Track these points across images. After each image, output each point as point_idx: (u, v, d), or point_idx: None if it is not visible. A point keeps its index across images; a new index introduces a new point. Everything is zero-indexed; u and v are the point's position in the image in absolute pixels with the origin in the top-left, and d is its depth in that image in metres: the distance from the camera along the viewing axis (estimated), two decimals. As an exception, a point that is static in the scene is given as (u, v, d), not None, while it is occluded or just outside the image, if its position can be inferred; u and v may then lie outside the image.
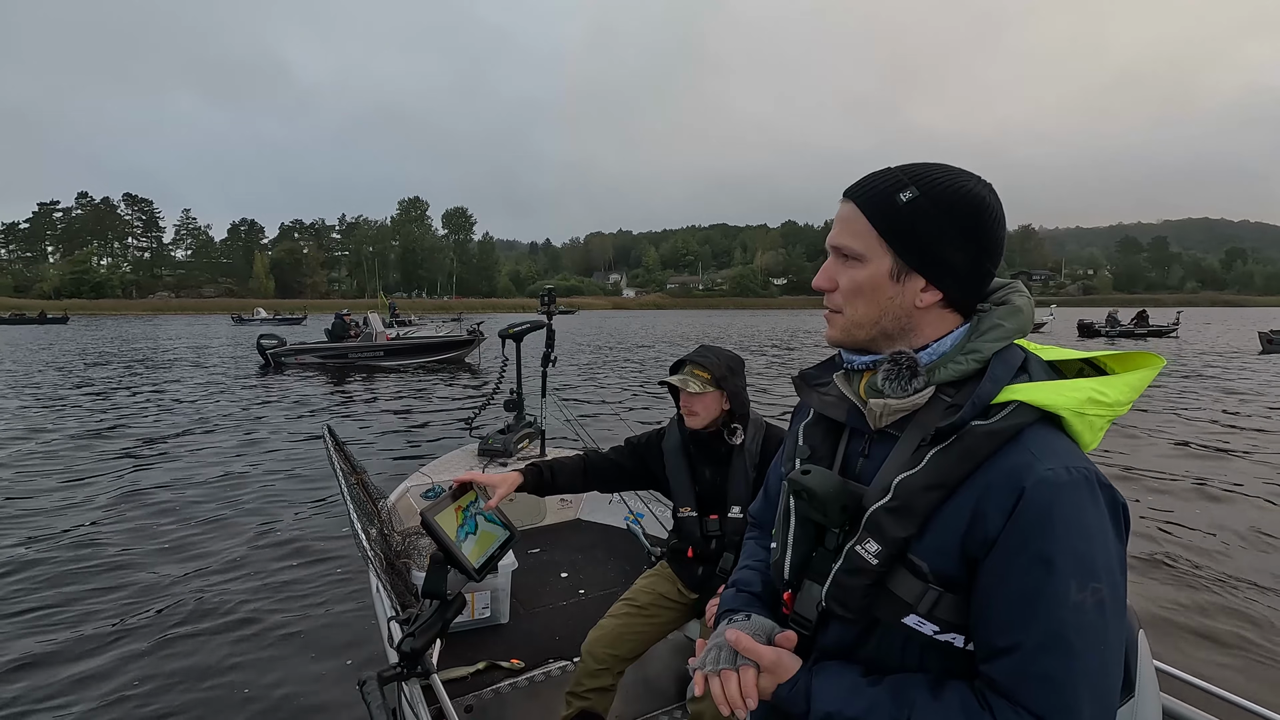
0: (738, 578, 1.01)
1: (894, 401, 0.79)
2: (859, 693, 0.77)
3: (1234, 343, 25.62)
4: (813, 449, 0.89)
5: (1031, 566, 0.69)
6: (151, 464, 6.85)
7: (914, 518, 0.74)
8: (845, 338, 0.84)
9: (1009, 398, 0.73)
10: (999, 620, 0.71)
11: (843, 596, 0.79)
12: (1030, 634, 0.69)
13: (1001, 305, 0.82)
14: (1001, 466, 0.72)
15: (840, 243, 0.81)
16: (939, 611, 0.74)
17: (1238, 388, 12.58)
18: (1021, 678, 0.69)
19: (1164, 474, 6.41)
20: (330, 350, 17.03)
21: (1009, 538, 0.70)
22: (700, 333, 35.33)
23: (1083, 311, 45.07)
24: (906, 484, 0.75)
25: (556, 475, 1.89)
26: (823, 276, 0.83)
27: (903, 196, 0.77)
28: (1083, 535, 0.69)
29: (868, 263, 0.79)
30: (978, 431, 0.73)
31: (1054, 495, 0.69)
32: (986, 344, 0.78)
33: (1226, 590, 3.89)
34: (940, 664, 0.77)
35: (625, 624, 1.94)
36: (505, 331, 3.95)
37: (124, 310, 74.30)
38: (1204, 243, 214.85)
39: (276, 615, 3.55)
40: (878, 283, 0.79)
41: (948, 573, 0.74)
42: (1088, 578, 0.68)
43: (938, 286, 0.79)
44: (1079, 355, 0.85)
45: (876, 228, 0.78)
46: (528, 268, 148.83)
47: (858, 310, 0.81)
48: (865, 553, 0.76)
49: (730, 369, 1.88)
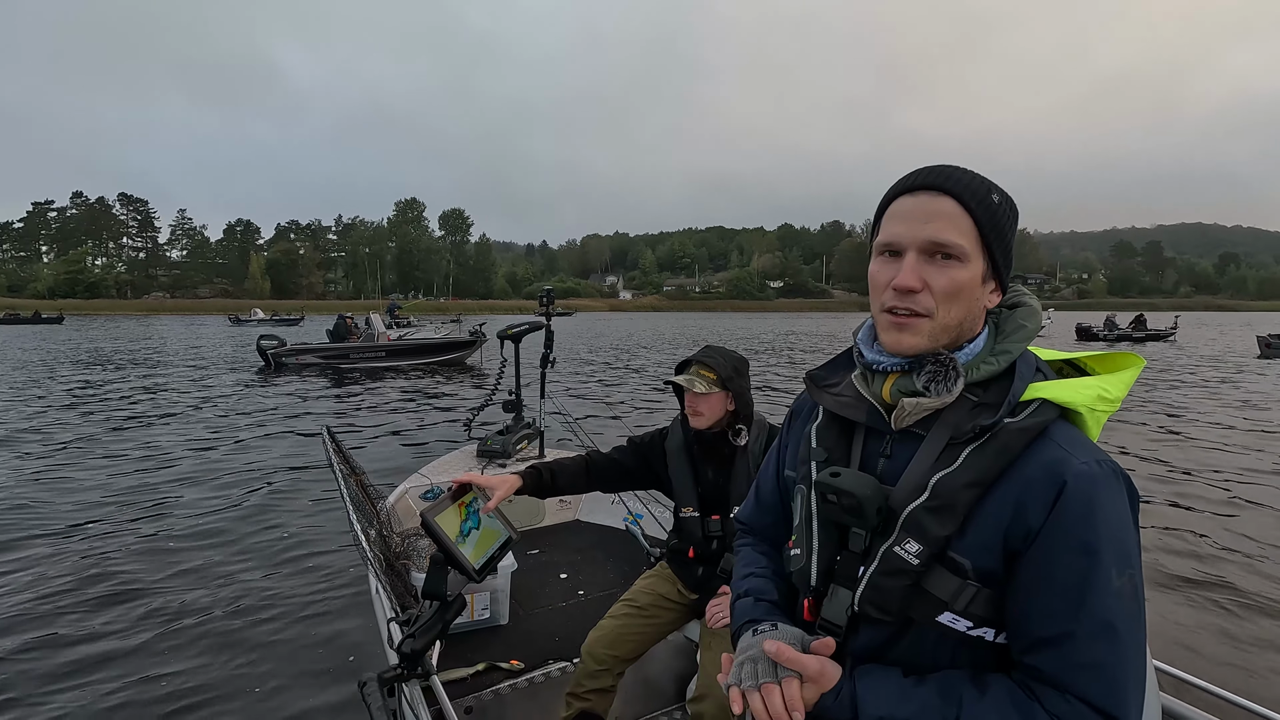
0: (750, 586, 0.98)
1: (927, 400, 0.79)
2: (906, 695, 0.76)
3: (1232, 347, 25.68)
4: (829, 451, 0.87)
5: (1077, 557, 0.71)
6: (152, 464, 6.81)
7: (955, 515, 0.75)
8: (929, 343, 0.78)
9: (1033, 395, 0.76)
10: (1044, 610, 0.72)
11: (879, 599, 0.78)
12: (1080, 622, 0.70)
13: (1017, 307, 0.84)
14: (1038, 461, 0.74)
15: (948, 239, 0.75)
16: (974, 607, 0.75)
17: (1244, 395, 12.36)
18: (1071, 666, 0.70)
19: (1184, 478, 6.38)
20: (331, 351, 16.94)
21: (1053, 529, 0.72)
22: (698, 334, 35.37)
23: (1078, 315, 45.27)
24: (946, 482, 0.75)
25: (556, 477, 1.90)
26: (913, 276, 0.76)
27: (995, 198, 0.78)
28: (1117, 524, 0.72)
29: (969, 262, 0.76)
30: (1011, 429, 0.75)
31: (1093, 487, 0.71)
32: (1014, 344, 0.80)
33: (1230, 594, 3.91)
34: (970, 659, 0.78)
35: (625, 625, 1.94)
36: (504, 333, 3.94)
37: (119, 310, 73.90)
38: (1198, 247, 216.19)
39: (276, 616, 3.53)
40: (975, 284, 0.78)
41: (988, 568, 0.75)
42: (1124, 565, 0.71)
43: (1003, 290, 0.83)
44: (1061, 356, 0.88)
45: (979, 227, 0.77)
46: (524, 269, 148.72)
47: (951, 313, 0.77)
48: (905, 553, 0.76)
49: (736, 370, 1.89)
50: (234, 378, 14.58)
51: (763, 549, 1.04)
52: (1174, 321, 31.93)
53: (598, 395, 12.37)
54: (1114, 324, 30.10)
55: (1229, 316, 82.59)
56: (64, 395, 11.82)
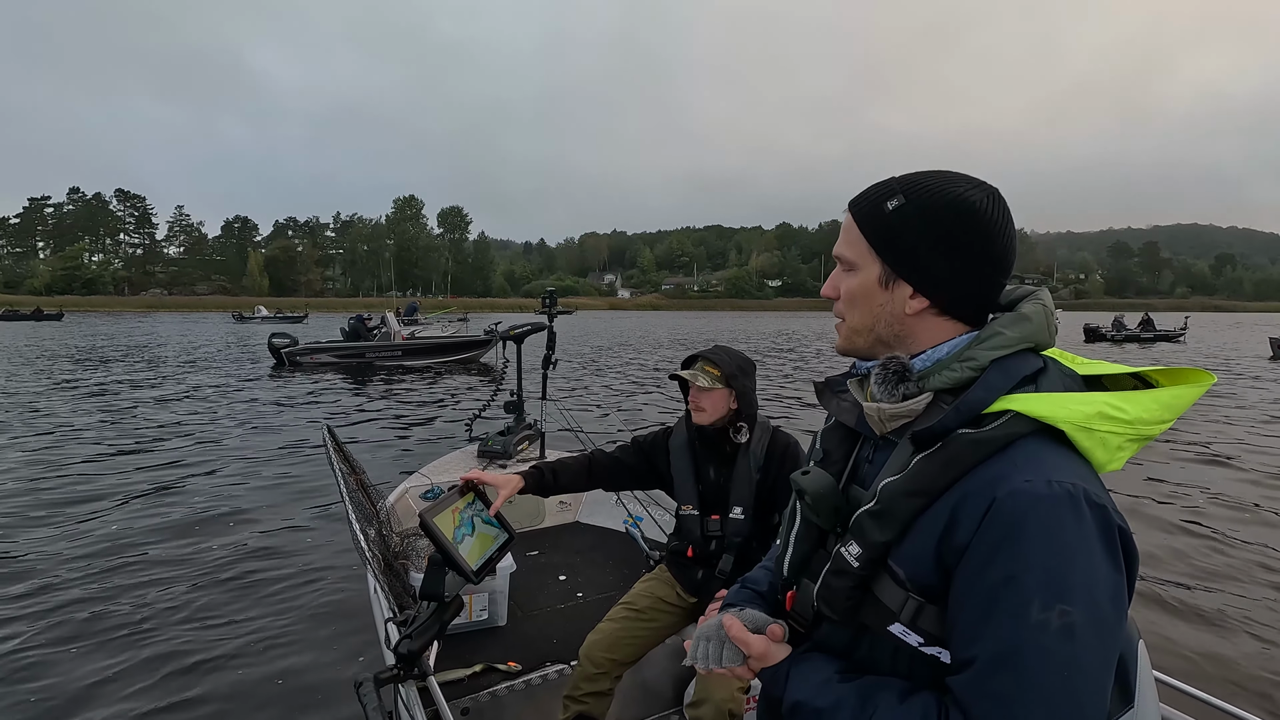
0: (749, 576, 1.05)
1: (887, 406, 0.79)
2: (829, 687, 0.78)
3: (1242, 348, 25.41)
4: (826, 453, 0.90)
5: (994, 579, 0.67)
6: (155, 463, 6.80)
7: (894, 523, 0.73)
8: (848, 345, 0.87)
9: (1004, 407, 0.71)
10: (962, 632, 0.69)
11: (829, 597, 0.80)
12: (984, 648, 0.67)
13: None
14: (982, 476, 0.70)
15: (837, 251, 0.85)
16: (921, 623, 0.73)
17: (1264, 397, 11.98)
18: (975, 692, 0.67)
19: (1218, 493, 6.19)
20: (347, 350, 16.90)
21: (976, 548, 0.68)
22: (701, 334, 35.37)
23: (1084, 316, 45.04)
24: (889, 488, 0.74)
25: (559, 475, 1.91)
26: (828, 285, 0.88)
27: (889, 204, 0.79)
28: (1056, 552, 0.65)
29: (859, 270, 0.82)
30: (963, 439, 0.71)
31: (1027, 508, 0.66)
32: (983, 351, 0.76)
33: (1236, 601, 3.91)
34: (929, 677, 0.75)
35: (623, 628, 1.94)
36: (506, 333, 3.95)
37: (117, 307, 73.71)
38: (1193, 248, 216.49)
39: (273, 615, 3.53)
40: (869, 290, 0.81)
41: (926, 581, 0.73)
42: (1054, 599, 0.64)
43: (924, 294, 0.79)
44: (1125, 370, 0.80)
45: (865, 235, 0.81)
46: (522, 268, 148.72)
47: (854, 317, 0.84)
48: (848, 555, 0.77)
49: (741, 369, 1.90)
50: (246, 376, 14.49)
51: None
52: (1184, 322, 31.52)
53: (598, 395, 12.38)
54: (1122, 324, 29.86)
55: (1227, 317, 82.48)
56: (69, 395, 11.78)
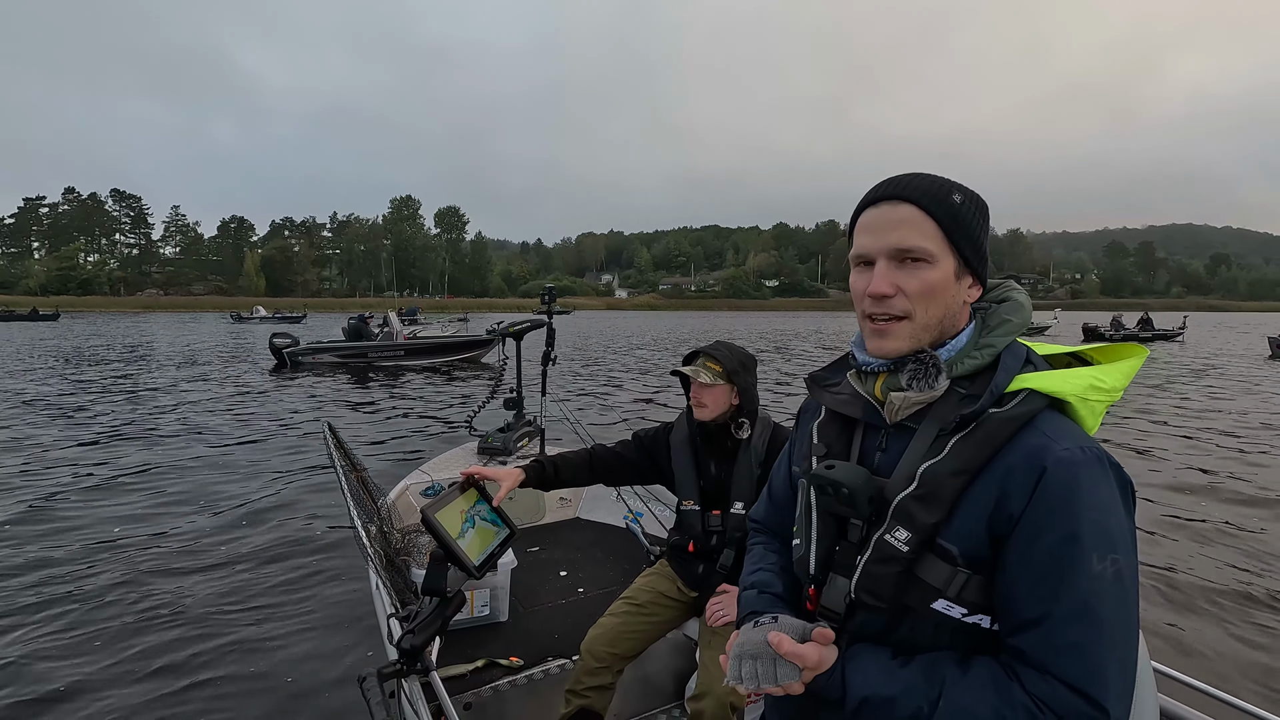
0: (756, 579, 1.02)
1: (914, 395, 0.83)
2: (892, 675, 0.79)
3: (1239, 347, 25.54)
4: (829, 446, 0.92)
5: (1056, 540, 0.73)
6: (156, 462, 6.77)
7: (941, 503, 0.77)
8: (914, 344, 0.82)
9: (1020, 386, 0.79)
10: (1026, 593, 0.74)
11: (873, 586, 0.81)
12: (1059, 604, 0.72)
13: (1004, 302, 0.88)
14: (1021, 448, 0.76)
15: (911, 244, 0.80)
16: (966, 594, 0.77)
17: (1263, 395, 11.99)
18: (1050, 647, 0.72)
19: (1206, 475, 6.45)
20: (349, 349, 16.86)
21: (1033, 514, 0.74)
22: (699, 334, 35.39)
23: (1083, 316, 45.22)
24: (932, 471, 0.78)
25: (560, 469, 1.93)
26: (882, 282, 0.81)
27: (956, 198, 0.82)
28: (1101, 509, 0.73)
29: (937, 263, 0.81)
30: (996, 418, 0.77)
31: (1074, 472, 0.73)
32: (998, 338, 0.83)
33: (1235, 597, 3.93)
34: (968, 646, 0.80)
35: (625, 622, 1.94)
36: (505, 330, 3.95)
37: (113, 308, 73.48)
38: (1189, 248, 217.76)
39: (275, 612, 3.52)
40: (948, 282, 0.82)
41: (976, 554, 0.77)
42: (1107, 549, 0.72)
43: (981, 284, 0.86)
44: (1065, 349, 0.90)
45: (942, 228, 0.81)
46: (519, 267, 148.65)
47: (929, 312, 0.82)
48: (895, 541, 0.79)
49: (743, 365, 1.91)
50: (248, 376, 14.41)
51: (774, 546, 1.07)
52: (1183, 321, 31.82)
53: (599, 393, 12.37)
54: (1120, 324, 30.29)
55: (1222, 317, 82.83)
56: (68, 395, 11.73)
